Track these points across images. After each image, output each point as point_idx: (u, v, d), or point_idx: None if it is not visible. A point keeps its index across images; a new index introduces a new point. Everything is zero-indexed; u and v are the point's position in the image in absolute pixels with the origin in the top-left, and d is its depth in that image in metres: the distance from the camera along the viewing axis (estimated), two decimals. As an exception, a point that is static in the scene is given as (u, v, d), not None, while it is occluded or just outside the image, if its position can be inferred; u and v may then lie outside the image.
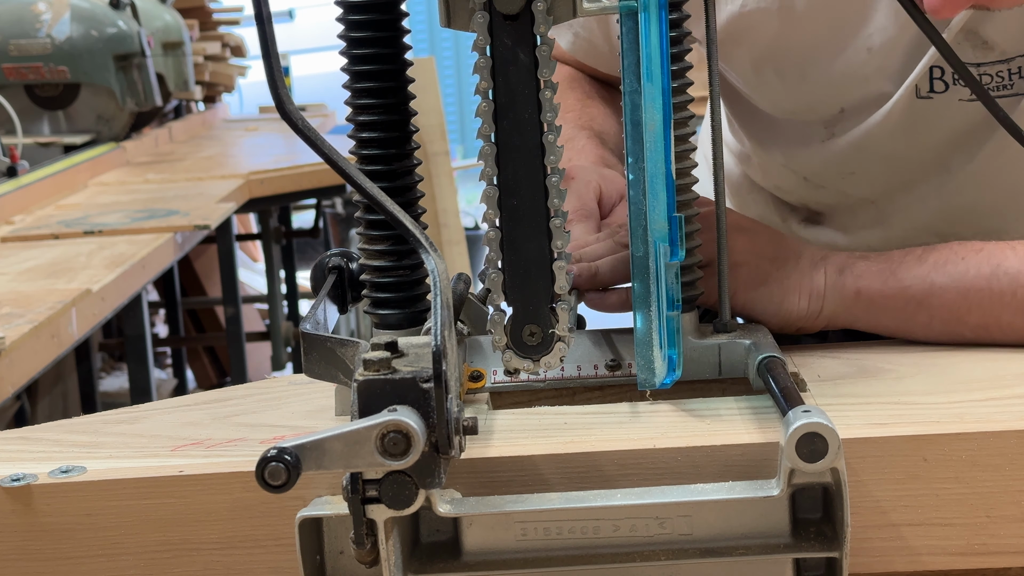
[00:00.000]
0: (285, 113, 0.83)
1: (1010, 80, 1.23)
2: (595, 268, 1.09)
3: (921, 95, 1.26)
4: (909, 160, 1.34)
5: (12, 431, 1.07)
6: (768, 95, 1.37)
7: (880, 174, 1.36)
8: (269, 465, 0.77)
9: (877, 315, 1.12)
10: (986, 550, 0.89)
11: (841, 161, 1.36)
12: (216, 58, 5.39)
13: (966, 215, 1.35)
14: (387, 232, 1.00)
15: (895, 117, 1.29)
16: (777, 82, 1.34)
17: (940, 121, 1.28)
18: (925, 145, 1.32)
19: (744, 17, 1.27)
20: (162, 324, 5.14)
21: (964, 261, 1.09)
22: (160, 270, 2.89)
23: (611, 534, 0.86)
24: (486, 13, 0.90)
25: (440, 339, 0.79)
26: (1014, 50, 1.21)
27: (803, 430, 0.82)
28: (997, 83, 1.23)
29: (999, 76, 1.22)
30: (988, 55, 1.22)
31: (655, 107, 0.89)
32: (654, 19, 0.88)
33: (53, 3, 3.97)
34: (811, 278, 1.11)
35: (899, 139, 1.31)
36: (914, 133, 1.30)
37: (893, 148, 1.32)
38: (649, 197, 0.90)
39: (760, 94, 1.38)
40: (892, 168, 1.35)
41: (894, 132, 1.30)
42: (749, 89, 1.38)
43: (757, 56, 1.32)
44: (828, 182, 1.40)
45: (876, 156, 1.34)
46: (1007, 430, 0.88)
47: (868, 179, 1.37)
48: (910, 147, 1.32)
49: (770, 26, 1.27)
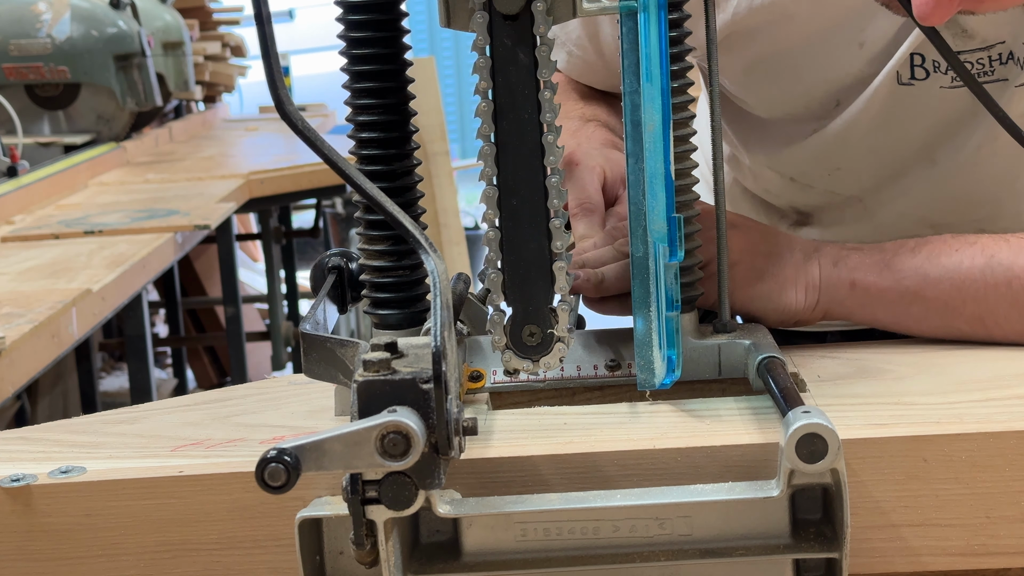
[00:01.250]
0: (285, 113, 0.83)
1: (991, 67, 1.23)
2: (600, 275, 1.09)
3: (902, 82, 1.26)
4: (894, 151, 1.34)
5: (12, 431, 1.07)
6: (761, 98, 1.37)
7: (866, 168, 1.36)
8: (269, 466, 0.77)
9: (872, 307, 1.12)
10: (986, 551, 0.89)
11: (826, 157, 1.36)
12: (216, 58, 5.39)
13: (956, 205, 1.35)
14: (387, 232, 1.00)
15: (877, 105, 1.29)
16: (770, 85, 1.34)
17: (923, 109, 1.28)
18: (909, 135, 1.32)
19: (735, 24, 1.27)
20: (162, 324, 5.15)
21: (958, 253, 1.09)
22: (160, 270, 2.89)
23: (611, 535, 0.86)
24: (486, 13, 0.90)
25: (440, 340, 0.79)
26: (994, 37, 1.22)
27: (803, 431, 0.82)
28: (978, 70, 1.23)
29: (979, 63, 1.23)
30: (968, 43, 1.22)
31: (654, 107, 0.89)
32: (653, 19, 0.88)
33: (53, 3, 3.97)
34: (806, 270, 1.11)
35: (882, 129, 1.31)
36: (897, 122, 1.30)
37: (877, 139, 1.32)
38: (648, 197, 0.90)
39: (753, 97, 1.38)
40: (877, 161, 1.35)
41: (877, 121, 1.30)
42: (741, 93, 1.38)
43: (749, 61, 1.32)
44: (815, 180, 1.40)
45: (860, 148, 1.34)
46: (1006, 430, 0.88)
47: (854, 174, 1.37)
48: (894, 137, 1.32)
49: (762, 32, 1.27)
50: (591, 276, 1.08)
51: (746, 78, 1.35)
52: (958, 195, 1.34)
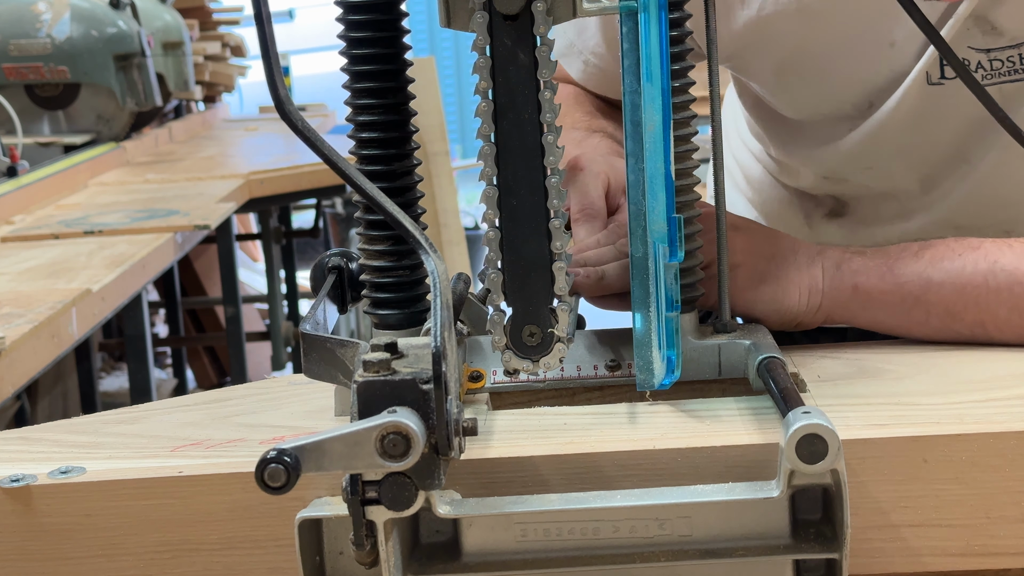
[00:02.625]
0: (285, 113, 0.83)
1: (1021, 64, 1.23)
2: (601, 272, 1.09)
3: (932, 82, 1.26)
4: (925, 151, 1.34)
5: (12, 431, 1.07)
6: (793, 99, 1.37)
7: (898, 167, 1.36)
8: (269, 466, 0.77)
9: (874, 311, 1.11)
10: (986, 551, 0.89)
11: (858, 156, 1.36)
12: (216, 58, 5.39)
13: (986, 206, 1.34)
14: (387, 232, 1.00)
15: (908, 105, 1.29)
16: (801, 85, 1.34)
17: (953, 109, 1.28)
18: (940, 135, 1.31)
19: (762, 22, 1.27)
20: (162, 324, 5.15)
21: (961, 258, 1.09)
22: (160, 270, 2.89)
23: (611, 535, 0.86)
24: (486, 13, 0.90)
25: (440, 340, 0.79)
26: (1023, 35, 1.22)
27: (803, 431, 0.82)
28: (1008, 68, 1.23)
29: (1010, 61, 1.23)
30: (998, 40, 1.22)
31: (654, 108, 0.89)
32: (654, 19, 0.87)
33: (53, 3, 3.97)
34: (809, 273, 1.11)
35: (913, 129, 1.31)
36: (928, 122, 1.30)
37: (908, 139, 1.32)
38: (648, 198, 0.90)
39: (784, 99, 1.38)
40: (909, 161, 1.35)
41: (908, 122, 1.30)
42: (772, 96, 1.38)
43: (779, 61, 1.32)
44: (848, 177, 1.40)
45: (891, 148, 1.34)
46: (1007, 431, 0.88)
47: (886, 173, 1.37)
48: (925, 137, 1.32)
49: (790, 30, 1.27)
50: (591, 273, 1.09)
51: (777, 80, 1.35)
52: (989, 196, 1.34)
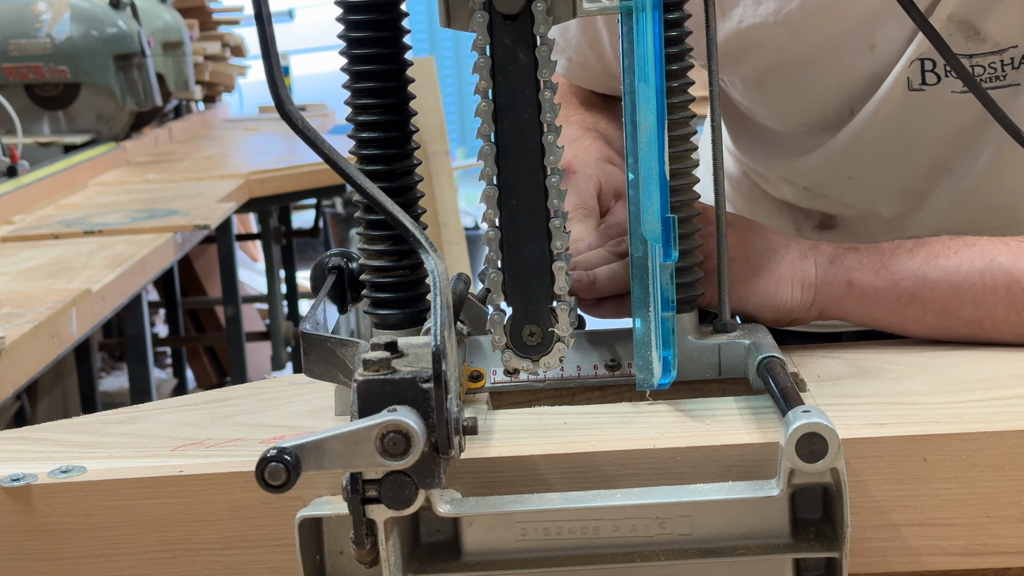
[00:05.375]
0: (285, 113, 0.83)
1: (1003, 71, 1.22)
2: (593, 276, 1.09)
3: (913, 88, 1.25)
4: (906, 159, 1.32)
5: (12, 431, 1.07)
6: (774, 109, 1.36)
7: (878, 177, 1.35)
8: (269, 465, 0.77)
9: (869, 307, 1.11)
10: (986, 550, 0.89)
11: (838, 165, 1.35)
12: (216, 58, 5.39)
13: (974, 214, 1.32)
14: (387, 232, 1.00)
15: (887, 112, 1.28)
16: (783, 94, 1.33)
17: (935, 115, 1.27)
18: (922, 142, 1.30)
19: (742, 34, 1.26)
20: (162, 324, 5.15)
21: (956, 256, 1.09)
22: (160, 270, 2.89)
23: (611, 534, 0.86)
24: (486, 13, 0.90)
25: (440, 339, 0.79)
26: (1007, 41, 1.21)
27: (803, 430, 0.82)
28: (990, 74, 1.22)
29: (991, 67, 1.22)
30: (980, 46, 1.21)
31: (649, 108, 0.88)
32: (649, 19, 0.87)
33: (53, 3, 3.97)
34: (802, 268, 1.11)
35: (894, 136, 1.30)
36: (909, 128, 1.29)
37: (889, 146, 1.31)
38: (643, 197, 0.90)
39: (765, 109, 1.37)
40: (890, 170, 1.34)
41: (888, 128, 1.29)
42: (753, 106, 1.37)
43: (760, 72, 1.31)
44: (828, 189, 1.39)
45: (872, 156, 1.33)
46: (1007, 430, 0.88)
47: (867, 183, 1.36)
48: (906, 144, 1.31)
49: (770, 40, 1.26)
50: (583, 277, 1.08)
51: (758, 89, 1.34)
52: (976, 205, 1.32)
